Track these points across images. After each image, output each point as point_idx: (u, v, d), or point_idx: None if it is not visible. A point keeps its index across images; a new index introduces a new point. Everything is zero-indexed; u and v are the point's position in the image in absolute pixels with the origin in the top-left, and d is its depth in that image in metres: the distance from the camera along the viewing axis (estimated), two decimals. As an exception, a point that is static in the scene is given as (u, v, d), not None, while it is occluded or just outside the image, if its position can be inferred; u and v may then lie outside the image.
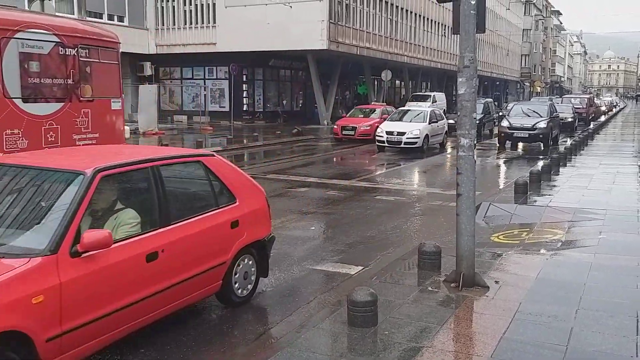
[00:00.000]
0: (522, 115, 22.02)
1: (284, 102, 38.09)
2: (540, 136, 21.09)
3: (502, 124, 21.91)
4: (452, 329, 4.54)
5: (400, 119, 21.12)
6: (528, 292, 5.34)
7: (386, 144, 19.67)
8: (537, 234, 7.98)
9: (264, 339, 4.64)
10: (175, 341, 4.54)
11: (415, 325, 4.54)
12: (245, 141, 23.07)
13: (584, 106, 37.61)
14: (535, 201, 10.21)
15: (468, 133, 5.55)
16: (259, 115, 35.20)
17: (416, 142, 19.34)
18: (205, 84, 34.10)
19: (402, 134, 19.42)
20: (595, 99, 56.98)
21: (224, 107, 33.13)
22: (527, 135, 21.00)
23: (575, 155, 17.62)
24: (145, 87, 26.56)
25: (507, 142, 21.59)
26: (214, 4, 32.23)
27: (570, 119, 28.95)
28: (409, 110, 22.98)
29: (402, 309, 4.89)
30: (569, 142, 21.92)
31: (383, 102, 37.36)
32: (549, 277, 5.82)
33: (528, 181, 11.30)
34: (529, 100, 56.88)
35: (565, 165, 14.97)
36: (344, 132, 23.11)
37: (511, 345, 4.17)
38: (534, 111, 22.28)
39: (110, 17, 30.73)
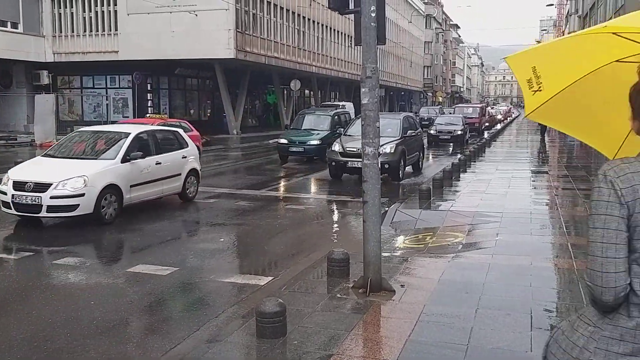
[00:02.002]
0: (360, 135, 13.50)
1: (192, 111, 37.39)
2: (386, 166, 13.53)
3: (333, 148, 14.78)
4: (361, 334, 4.61)
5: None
6: (432, 294, 5.52)
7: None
8: (440, 237, 8.29)
9: (170, 356, 4.49)
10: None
11: (325, 333, 4.57)
12: (151, 152, 22.39)
13: (477, 116, 36.61)
14: (438, 206, 10.62)
15: (372, 142, 5.67)
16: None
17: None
18: (107, 94, 32.83)
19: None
20: (490, 107, 58.89)
21: (127, 117, 32.01)
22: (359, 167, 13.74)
23: (475, 161, 18.53)
24: (42, 97, 25.18)
25: (341, 173, 14.70)
26: (115, 11, 31.19)
27: (459, 132, 27.34)
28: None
29: (312, 318, 4.90)
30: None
31: (292, 110, 37.61)
32: (451, 278, 6.05)
33: (431, 187, 11.76)
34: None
35: (466, 171, 15.70)
36: None
37: (416, 347, 4.29)
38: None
39: (3, 24, 29.00)
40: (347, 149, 14.29)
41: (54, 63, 32.00)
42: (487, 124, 43.80)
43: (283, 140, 18.89)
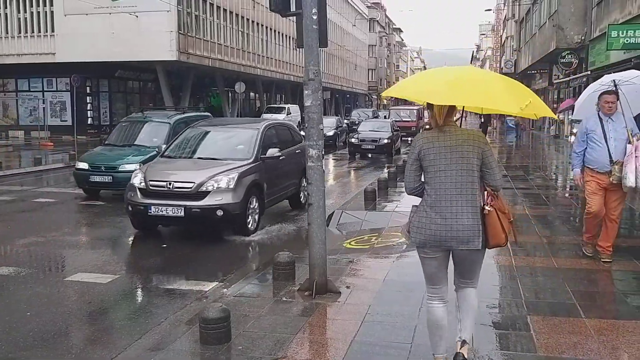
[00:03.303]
0: (182, 163, 9.43)
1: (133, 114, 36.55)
2: (219, 213, 8.29)
3: (132, 182, 8.88)
4: (306, 337, 4.60)
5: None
6: (377, 294, 5.57)
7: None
8: (385, 238, 8.38)
9: (110, 367, 4.36)
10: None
11: (270, 337, 4.53)
12: (91, 157, 21.73)
13: (414, 119, 34.45)
14: (384, 207, 10.74)
15: (316, 144, 5.67)
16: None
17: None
18: (44, 97, 31.71)
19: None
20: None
21: (65, 120, 31.07)
22: (177, 215, 8.32)
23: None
24: (-27, 100, 24.07)
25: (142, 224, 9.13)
26: (52, 12, 30.21)
27: (386, 140, 23.06)
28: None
29: (257, 322, 4.86)
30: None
31: (237, 112, 37.27)
32: (395, 278, 6.12)
33: (376, 188, 11.89)
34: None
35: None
36: None
37: (361, 348, 4.31)
38: (217, 142, 10.18)
39: None
40: (152, 184, 8.44)
41: (-14, 65, 30.72)
42: (427, 126, 44.03)
43: (82, 165, 12.17)
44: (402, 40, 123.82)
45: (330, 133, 27.25)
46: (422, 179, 3.72)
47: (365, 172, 18.72)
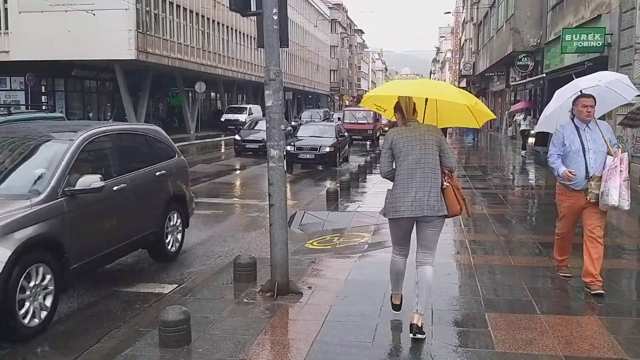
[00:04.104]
0: None
1: (90, 114, 35.77)
2: None
3: None
4: (268, 338, 4.58)
5: None
6: (338, 294, 5.59)
7: None
8: (347, 238, 8.43)
9: (66, 373, 4.25)
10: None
11: (231, 339, 4.50)
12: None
13: (370, 121, 31.11)
14: (346, 207, 10.80)
15: (277, 144, 5.66)
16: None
17: None
18: (-4, 96, 30.73)
19: None
20: None
21: (20, 121, 30.13)
22: None
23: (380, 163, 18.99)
24: None
25: None
26: (5, 9, 29.31)
27: (328, 149, 18.97)
28: None
29: (218, 324, 4.81)
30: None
31: (197, 113, 36.92)
32: (357, 278, 6.15)
33: (339, 189, 11.94)
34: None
35: (372, 173, 16.08)
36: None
37: (323, 348, 4.32)
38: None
39: None
40: None
41: None
42: (386, 128, 39.45)
43: None
44: (364, 41, 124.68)
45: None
46: (393, 166, 4.60)
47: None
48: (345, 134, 21.83)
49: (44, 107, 26.67)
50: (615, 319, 4.95)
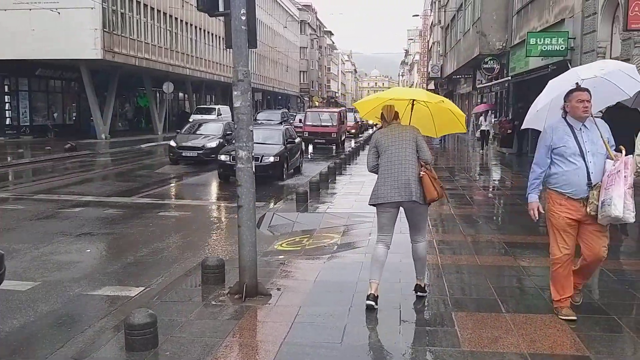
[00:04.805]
0: None
1: (55, 115, 35.04)
2: None
3: None
4: (236, 340, 4.55)
5: None
6: (307, 295, 5.59)
7: None
8: (317, 239, 8.43)
9: (29, 379, 4.16)
10: None
11: (199, 342, 4.45)
12: (9, 158, 20.71)
13: (335, 123, 28.34)
14: (316, 208, 10.80)
15: (246, 145, 5.63)
16: (25, 130, 31.92)
17: None
18: (-44, 95, 29.88)
19: None
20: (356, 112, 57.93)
21: (-18, 121, 29.38)
22: None
23: (350, 164, 19.10)
24: None
25: None
26: (-35, 6, 28.48)
27: (272, 159, 15.49)
28: None
29: (185, 327, 4.76)
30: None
31: (165, 113, 36.47)
32: (326, 279, 6.16)
33: (309, 190, 11.94)
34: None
35: (342, 174, 16.13)
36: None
37: (291, 349, 4.31)
38: None
39: None
40: None
41: None
42: (353, 130, 37.70)
43: None
44: (333, 43, 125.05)
45: (213, 144, 19.21)
46: (378, 162, 5.34)
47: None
48: (296, 140, 18.32)
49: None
50: (578, 317, 5.06)
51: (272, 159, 15.38)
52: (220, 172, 15.48)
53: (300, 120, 30.89)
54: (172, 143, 19.75)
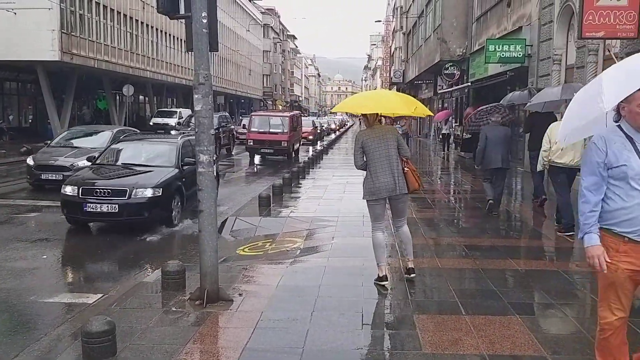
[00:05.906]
0: None
1: (10, 117, 34.04)
2: None
3: None
4: (197, 346, 4.49)
5: None
6: (270, 300, 5.56)
7: None
8: (280, 243, 8.40)
9: (-20, 391, 4.01)
10: None
11: (159, 348, 4.38)
12: (-39, 163, 20.00)
13: (286, 130, 23.32)
14: (279, 213, 10.75)
15: (207, 149, 5.58)
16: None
17: None
18: None
19: None
20: (317, 117, 54.67)
21: None
22: None
23: (314, 168, 19.11)
24: None
25: None
26: None
27: (149, 194, 9.39)
28: None
29: (145, 334, 4.68)
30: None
31: (125, 116, 35.86)
32: (289, 284, 6.14)
33: (271, 194, 11.89)
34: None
35: (305, 178, 16.12)
36: None
37: (253, 355, 4.28)
38: None
39: None
40: None
41: None
42: (310, 137, 33.95)
43: None
44: (297, 47, 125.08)
45: (85, 162, 12.00)
46: (364, 159, 6.06)
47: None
48: (191, 162, 10.52)
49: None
50: (535, 318, 5.18)
51: (149, 192, 9.48)
52: (65, 214, 9.63)
53: (244, 126, 26.91)
54: (30, 161, 13.86)
